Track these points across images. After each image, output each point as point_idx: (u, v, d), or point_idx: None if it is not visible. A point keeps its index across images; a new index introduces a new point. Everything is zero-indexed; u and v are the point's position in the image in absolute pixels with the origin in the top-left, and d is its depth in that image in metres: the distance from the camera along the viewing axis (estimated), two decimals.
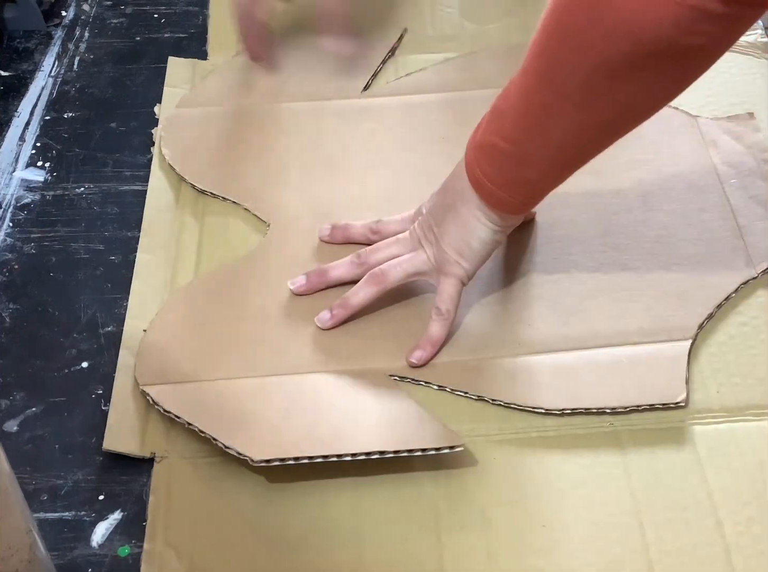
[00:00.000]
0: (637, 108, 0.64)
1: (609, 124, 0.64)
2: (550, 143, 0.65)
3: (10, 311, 0.76)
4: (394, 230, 0.76)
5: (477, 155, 0.68)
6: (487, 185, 0.68)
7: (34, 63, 0.97)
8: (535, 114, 0.64)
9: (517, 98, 0.65)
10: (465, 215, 0.70)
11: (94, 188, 0.86)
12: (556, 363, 0.71)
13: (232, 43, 0.97)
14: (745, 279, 0.76)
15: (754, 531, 0.63)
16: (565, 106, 0.63)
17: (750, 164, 0.84)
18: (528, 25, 0.98)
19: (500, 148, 0.66)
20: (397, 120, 0.89)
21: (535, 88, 0.63)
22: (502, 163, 0.67)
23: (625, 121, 0.65)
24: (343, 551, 0.63)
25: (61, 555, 0.63)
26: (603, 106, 0.62)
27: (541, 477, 0.66)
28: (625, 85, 0.60)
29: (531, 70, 0.63)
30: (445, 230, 0.71)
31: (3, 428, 0.70)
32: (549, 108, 0.63)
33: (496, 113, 0.67)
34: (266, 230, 0.81)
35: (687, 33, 0.56)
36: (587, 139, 0.66)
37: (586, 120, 0.63)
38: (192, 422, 0.66)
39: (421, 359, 0.70)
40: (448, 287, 0.71)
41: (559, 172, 0.68)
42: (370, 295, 0.72)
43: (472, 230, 0.70)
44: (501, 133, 0.66)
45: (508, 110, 0.66)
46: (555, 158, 0.67)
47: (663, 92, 0.63)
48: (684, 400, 0.68)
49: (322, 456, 0.64)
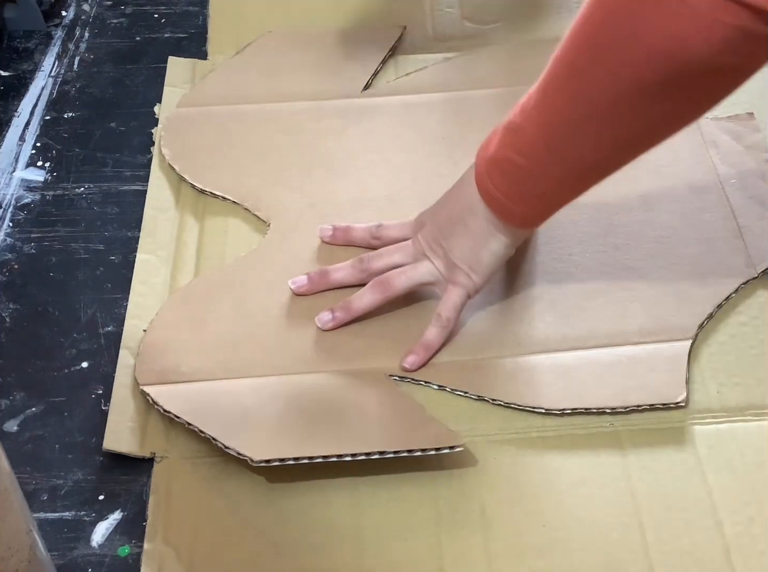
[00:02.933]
0: (665, 125, 0.63)
1: (634, 140, 0.64)
2: (569, 159, 0.65)
3: (10, 311, 0.76)
4: (395, 235, 0.76)
5: (490, 169, 0.67)
6: (501, 199, 0.67)
7: (34, 63, 0.97)
8: (557, 130, 0.64)
9: (537, 113, 0.64)
10: (475, 229, 0.70)
11: (94, 188, 0.86)
12: (556, 363, 0.71)
13: (232, 43, 0.97)
14: (745, 279, 0.76)
15: (754, 531, 0.63)
16: (590, 123, 0.62)
17: (750, 164, 0.84)
18: (528, 25, 0.98)
19: (516, 162, 0.66)
20: (397, 120, 0.89)
21: (559, 104, 0.63)
22: (518, 177, 0.66)
23: (651, 138, 0.64)
24: (343, 551, 0.63)
25: (61, 555, 0.63)
26: (630, 124, 0.62)
27: (541, 477, 0.66)
28: (658, 103, 0.60)
29: (554, 85, 0.63)
30: (455, 244, 0.71)
31: (3, 428, 0.70)
32: (573, 124, 0.63)
33: (511, 128, 0.66)
34: (266, 230, 0.81)
35: (728, 54, 0.55)
36: (609, 155, 0.65)
37: (610, 136, 0.63)
38: (192, 422, 0.66)
39: (414, 364, 0.70)
40: (454, 296, 0.71)
41: (576, 186, 0.68)
42: (375, 302, 0.72)
43: (484, 243, 0.70)
44: (517, 148, 0.65)
45: (526, 125, 0.65)
46: (573, 173, 0.66)
47: (693, 110, 0.62)
48: (684, 400, 0.68)
49: (322, 456, 0.64)
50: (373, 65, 0.94)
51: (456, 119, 0.89)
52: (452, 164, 0.71)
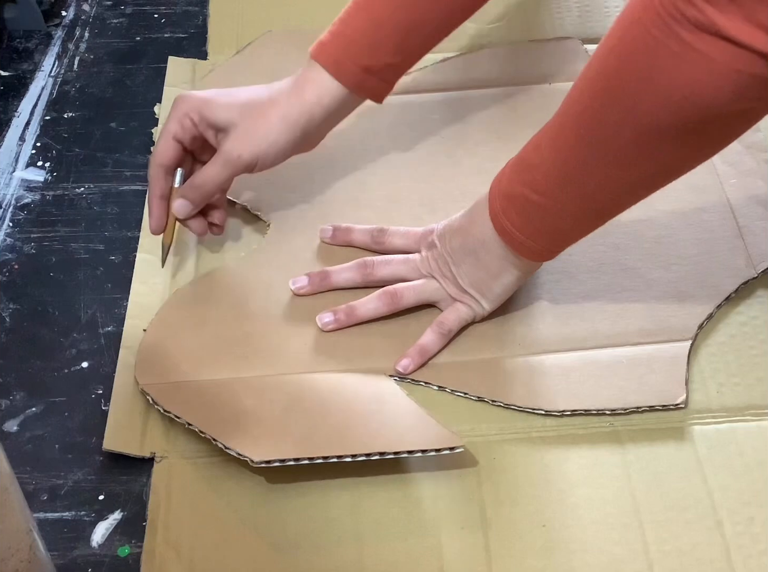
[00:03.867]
0: (680, 166, 0.63)
1: (649, 180, 0.64)
2: (584, 198, 0.65)
3: (10, 311, 0.76)
4: (399, 244, 0.76)
5: (504, 205, 0.67)
6: (516, 235, 0.67)
7: (34, 63, 0.97)
8: (572, 169, 0.64)
9: (551, 151, 0.64)
10: (489, 263, 0.70)
11: (94, 188, 0.86)
12: (556, 364, 0.71)
13: (232, 43, 0.97)
14: (745, 279, 0.76)
15: (754, 531, 0.63)
16: (606, 164, 0.62)
17: (750, 164, 0.84)
18: (528, 25, 0.98)
19: (531, 200, 0.66)
20: (396, 119, 0.89)
21: (573, 144, 0.63)
22: (533, 214, 0.66)
23: (665, 177, 0.64)
24: (343, 551, 0.63)
25: (61, 555, 0.63)
26: (646, 165, 0.62)
27: (541, 477, 0.66)
28: (671, 147, 0.60)
29: (569, 125, 0.63)
30: (466, 272, 0.71)
31: (3, 428, 0.70)
32: (588, 165, 0.63)
33: (524, 165, 0.66)
34: (266, 230, 0.81)
35: (744, 99, 0.56)
36: (625, 193, 0.65)
37: (625, 177, 0.63)
38: (192, 422, 0.66)
39: (407, 368, 0.70)
40: (462, 312, 0.72)
41: (592, 222, 0.68)
42: (380, 311, 0.73)
43: (497, 276, 0.70)
44: (532, 186, 0.65)
45: (540, 163, 0.65)
46: (588, 211, 0.66)
47: (706, 151, 0.62)
48: (684, 401, 0.68)
49: (322, 456, 0.64)
50: None
51: (456, 119, 0.89)
52: (452, 164, 0.70)
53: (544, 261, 0.71)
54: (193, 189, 0.74)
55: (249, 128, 0.73)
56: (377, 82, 0.74)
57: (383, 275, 0.74)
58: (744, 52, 0.52)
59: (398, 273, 0.74)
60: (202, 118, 0.73)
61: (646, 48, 0.56)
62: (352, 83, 0.73)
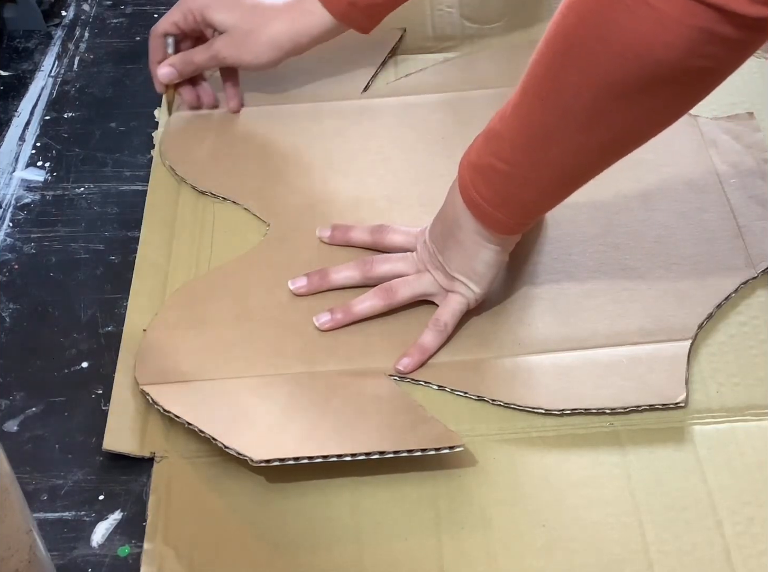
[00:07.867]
0: (641, 129, 0.63)
1: (611, 145, 0.64)
2: (550, 164, 0.65)
3: (10, 311, 0.76)
4: (398, 242, 0.76)
5: (473, 176, 0.67)
6: (484, 206, 0.67)
7: (34, 63, 0.97)
8: (535, 135, 0.64)
9: (516, 119, 0.64)
10: (464, 241, 0.70)
11: (94, 188, 0.86)
12: (556, 363, 0.71)
13: None
14: (745, 279, 0.76)
15: (754, 531, 0.63)
16: (567, 128, 0.62)
17: (750, 163, 0.84)
18: (528, 25, 0.98)
19: (498, 169, 0.66)
20: (397, 120, 0.89)
21: (536, 109, 0.63)
22: (500, 184, 0.66)
23: (627, 142, 0.64)
24: (343, 551, 0.63)
25: (61, 555, 0.63)
26: (607, 128, 0.62)
27: (541, 477, 0.66)
28: (631, 107, 0.59)
29: (531, 90, 0.63)
30: (449, 257, 0.71)
31: (3, 428, 0.70)
32: (550, 129, 0.63)
33: (491, 134, 0.66)
34: (266, 230, 0.81)
35: (697, 56, 0.55)
36: (588, 160, 0.65)
37: (588, 141, 0.63)
38: (192, 422, 0.66)
39: (407, 366, 0.70)
40: (454, 303, 0.72)
41: (558, 192, 0.68)
42: (376, 308, 0.73)
43: (475, 254, 0.70)
44: (498, 155, 0.65)
45: (506, 131, 0.65)
46: (554, 179, 0.66)
47: (667, 114, 0.62)
48: (684, 401, 0.68)
49: (322, 456, 0.64)
50: (372, 67, 0.94)
51: (456, 119, 0.89)
52: (452, 164, 0.70)
53: (513, 235, 0.71)
54: (181, 62, 0.86)
55: (240, 39, 0.84)
56: (362, 17, 0.85)
57: (382, 271, 0.74)
58: (695, 4, 0.52)
59: (397, 270, 0.74)
60: (204, 18, 0.85)
61: (603, 3, 0.56)
62: (339, 14, 0.84)
